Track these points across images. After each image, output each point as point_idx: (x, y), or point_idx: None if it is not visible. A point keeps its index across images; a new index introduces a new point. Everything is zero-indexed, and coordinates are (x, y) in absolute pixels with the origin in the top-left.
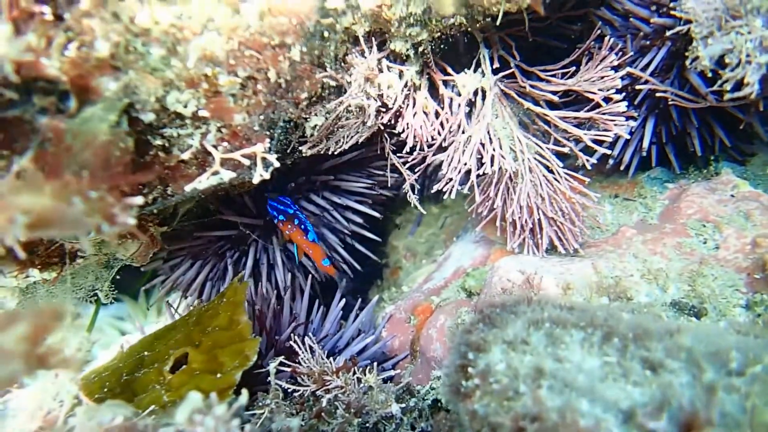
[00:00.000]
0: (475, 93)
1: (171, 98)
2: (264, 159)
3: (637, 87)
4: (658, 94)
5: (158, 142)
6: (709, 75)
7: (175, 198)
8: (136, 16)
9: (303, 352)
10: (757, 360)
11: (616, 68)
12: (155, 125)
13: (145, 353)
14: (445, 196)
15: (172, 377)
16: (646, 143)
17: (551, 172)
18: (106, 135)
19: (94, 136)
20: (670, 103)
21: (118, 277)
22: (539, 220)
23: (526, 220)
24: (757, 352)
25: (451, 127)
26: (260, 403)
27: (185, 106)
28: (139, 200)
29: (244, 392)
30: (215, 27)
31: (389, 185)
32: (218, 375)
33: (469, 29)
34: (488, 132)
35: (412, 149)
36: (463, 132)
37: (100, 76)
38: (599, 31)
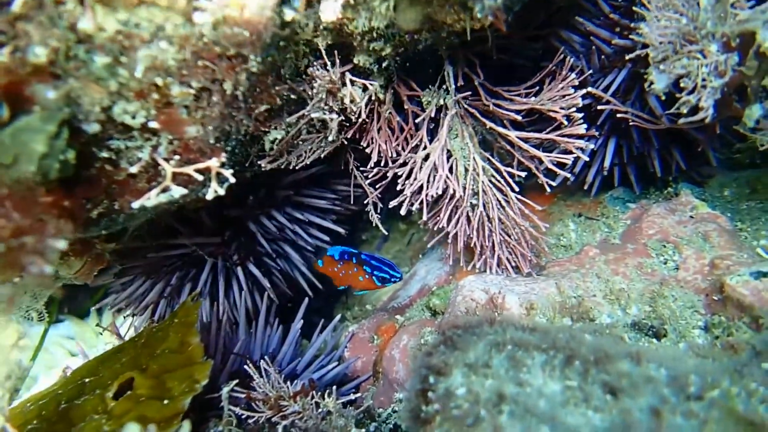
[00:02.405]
0: (439, 110)
1: (118, 109)
2: (219, 174)
3: (599, 107)
4: (619, 115)
5: (104, 154)
6: (663, 98)
7: (122, 215)
8: (78, 21)
9: (258, 377)
10: (715, 384)
11: (577, 87)
12: (101, 137)
13: (88, 378)
14: (402, 211)
15: (114, 404)
16: (607, 163)
17: (504, 196)
18: (44, 146)
19: (31, 147)
20: (630, 123)
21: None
22: (492, 242)
23: (483, 242)
24: (715, 376)
25: (415, 144)
26: (212, 431)
27: (133, 117)
28: (61, 244)
29: (186, 424)
30: (166, 35)
31: (353, 201)
32: (165, 401)
33: (435, 45)
34: (442, 152)
35: (377, 165)
36: (424, 149)
37: (37, 84)
38: (562, 55)
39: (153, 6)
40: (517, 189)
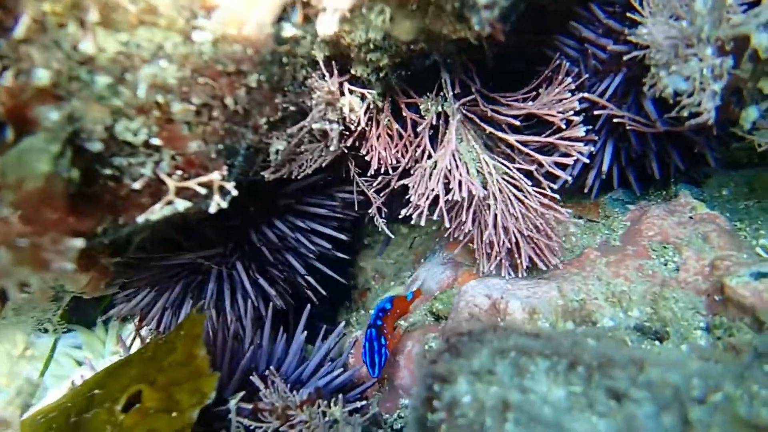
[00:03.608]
0: (438, 116)
1: (120, 127)
2: (221, 187)
3: (596, 113)
4: (615, 119)
5: (108, 171)
6: (671, 102)
7: (126, 229)
8: (80, 43)
9: (264, 387)
10: (717, 388)
11: (573, 92)
12: (104, 155)
13: (96, 391)
14: (413, 221)
15: (124, 417)
16: (605, 167)
17: (520, 190)
18: (48, 166)
19: (36, 167)
20: (627, 127)
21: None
22: (516, 240)
23: (503, 241)
24: (718, 379)
25: (415, 150)
26: None
27: (135, 135)
28: (78, 243)
29: None
30: (166, 54)
31: (356, 207)
32: (174, 414)
33: (431, 54)
34: (454, 157)
35: (377, 172)
36: (429, 157)
37: (40, 106)
38: (558, 61)
39: (153, 26)
40: (530, 183)
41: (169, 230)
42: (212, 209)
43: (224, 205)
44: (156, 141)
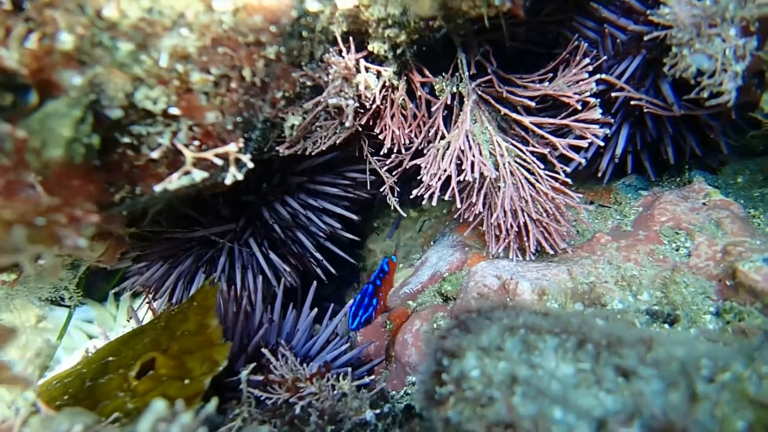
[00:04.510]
0: (452, 97)
1: (140, 95)
2: (237, 160)
3: (613, 94)
4: (633, 102)
5: (126, 139)
6: (691, 83)
7: (144, 198)
8: (103, 8)
9: (275, 360)
10: (726, 368)
11: (591, 73)
12: (123, 122)
13: (110, 358)
14: (424, 202)
15: (137, 383)
16: (619, 150)
17: (532, 174)
18: (70, 131)
19: (58, 132)
20: (645, 110)
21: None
22: (525, 223)
23: (511, 224)
24: (726, 360)
25: (428, 130)
26: (231, 414)
27: (155, 103)
28: (95, 218)
29: (213, 400)
30: (187, 23)
31: (368, 186)
32: (186, 381)
33: (448, 32)
34: (467, 138)
35: (390, 151)
36: (442, 138)
37: (64, 70)
38: (576, 42)
39: None
40: (543, 166)
41: (184, 204)
42: (228, 181)
43: (240, 177)
44: (174, 110)
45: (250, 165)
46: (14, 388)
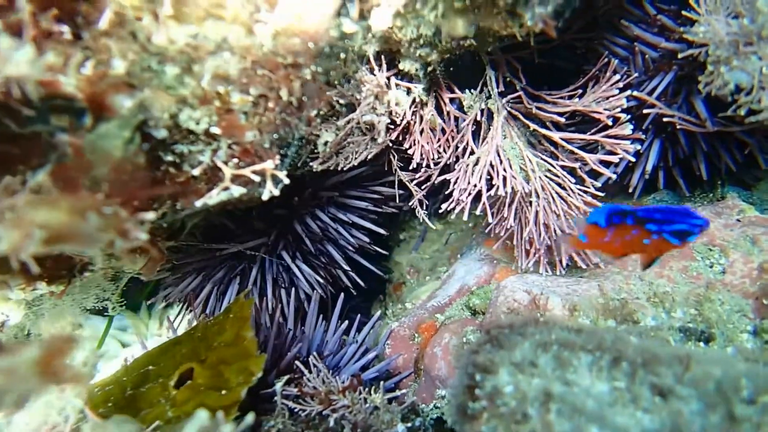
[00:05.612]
0: (481, 113)
1: (184, 115)
2: (274, 176)
3: (645, 111)
4: (665, 119)
5: (169, 158)
6: (728, 100)
7: (184, 212)
8: (153, 35)
9: (308, 373)
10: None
11: (621, 89)
12: (167, 142)
13: (150, 367)
14: (453, 216)
15: (176, 392)
16: (650, 166)
17: (563, 189)
18: (120, 151)
19: (109, 151)
20: (678, 127)
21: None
22: (555, 238)
23: (543, 238)
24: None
25: (456, 145)
26: (266, 426)
27: (197, 123)
28: (151, 215)
29: (251, 414)
30: (229, 47)
31: (396, 200)
32: (223, 391)
33: (477, 50)
34: (498, 153)
35: (418, 166)
36: (471, 153)
37: (116, 94)
38: (606, 59)
39: (219, 19)
40: (573, 180)
41: (220, 217)
42: (265, 196)
43: (276, 192)
44: (215, 130)
45: (286, 181)
46: (76, 385)
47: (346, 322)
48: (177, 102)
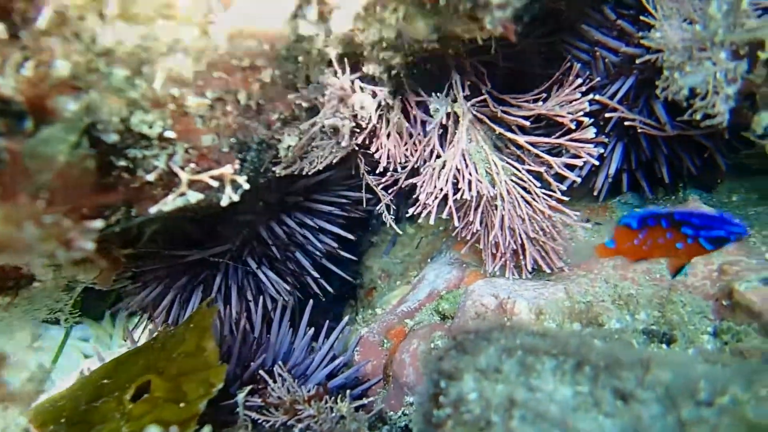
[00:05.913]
0: (447, 116)
1: (136, 119)
2: (233, 181)
3: (607, 115)
4: (627, 123)
5: (122, 163)
6: (683, 105)
7: (138, 219)
8: (99, 36)
9: (273, 383)
10: (724, 390)
11: (584, 93)
12: (119, 146)
13: (105, 380)
14: (420, 220)
15: (132, 406)
16: (613, 169)
17: (528, 192)
18: (66, 156)
19: (52, 157)
20: (639, 131)
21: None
22: (521, 242)
23: (508, 242)
24: (725, 382)
25: (423, 149)
26: None
27: (151, 127)
28: (98, 224)
29: (207, 427)
30: (183, 48)
31: (364, 204)
32: (182, 404)
33: (443, 54)
34: (464, 157)
35: (386, 170)
36: (437, 157)
37: (59, 96)
38: (569, 63)
39: (171, 19)
40: (539, 185)
41: (182, 224)
42: (224, 202)
43: (236, 198)
44: (170, 134)
45: (246, 186)
46: (12, 406)
47: (313, 329)
48: (128, 105)
